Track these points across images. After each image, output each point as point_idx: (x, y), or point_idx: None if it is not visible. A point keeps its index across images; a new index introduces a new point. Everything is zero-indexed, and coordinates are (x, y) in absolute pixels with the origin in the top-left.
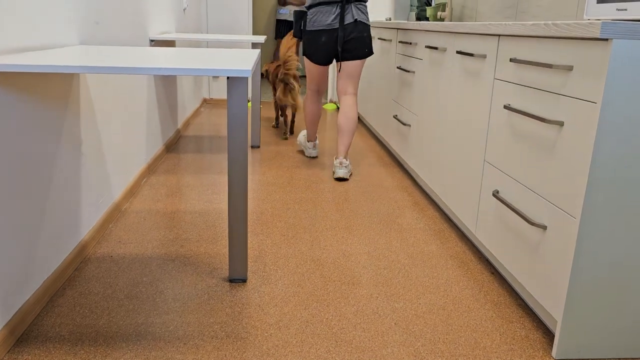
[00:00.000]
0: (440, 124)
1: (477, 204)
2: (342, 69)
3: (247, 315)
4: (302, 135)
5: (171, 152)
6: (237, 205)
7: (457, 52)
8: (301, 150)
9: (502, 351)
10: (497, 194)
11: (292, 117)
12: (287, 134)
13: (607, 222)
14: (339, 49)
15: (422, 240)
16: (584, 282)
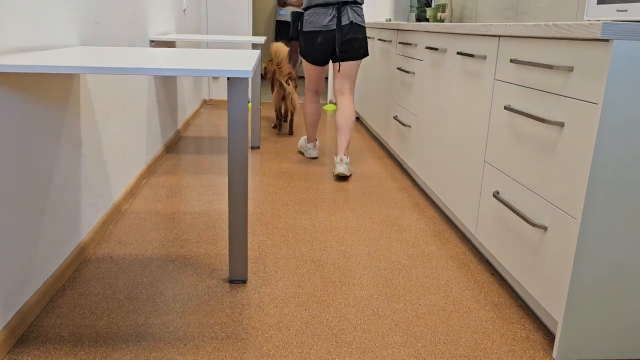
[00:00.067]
0: (440, 125)
1: (478, 205)
2: (339, 70)
3: (247, 316)
4: (302, 139)
5: (171, 152)
6: (237, 206)
7: (458, 53)
8: (301, 152)
9: (502, 352)
10: (497, 195)
11: (291, 116)
12: (280, 128)
13: (607, 222)
14: (337, 50)
15: (423, 241)
16: (584, 283)
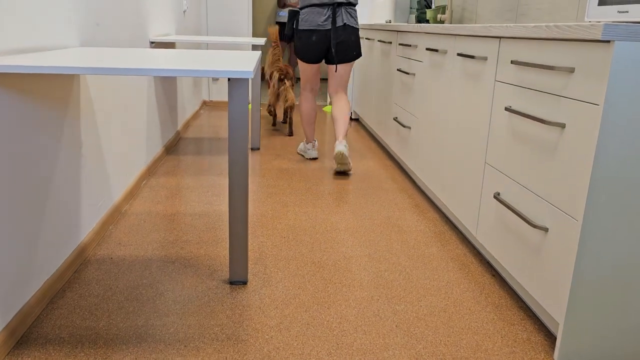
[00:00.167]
0: (440, 126)
1: (478, 206)
2: (333, 71)
3: (247, 317)
4: (301, 144)
5: (171, 154)
6: (238, 207)
7: (458, 55)
8: (302, 154)
9: (503, 354)
10: (498, 196)
11: (290, 114)
12: (274, 123)
13: (609, 224)
14: (332, 50)
15: (423, 242)
16: (586, 284)
